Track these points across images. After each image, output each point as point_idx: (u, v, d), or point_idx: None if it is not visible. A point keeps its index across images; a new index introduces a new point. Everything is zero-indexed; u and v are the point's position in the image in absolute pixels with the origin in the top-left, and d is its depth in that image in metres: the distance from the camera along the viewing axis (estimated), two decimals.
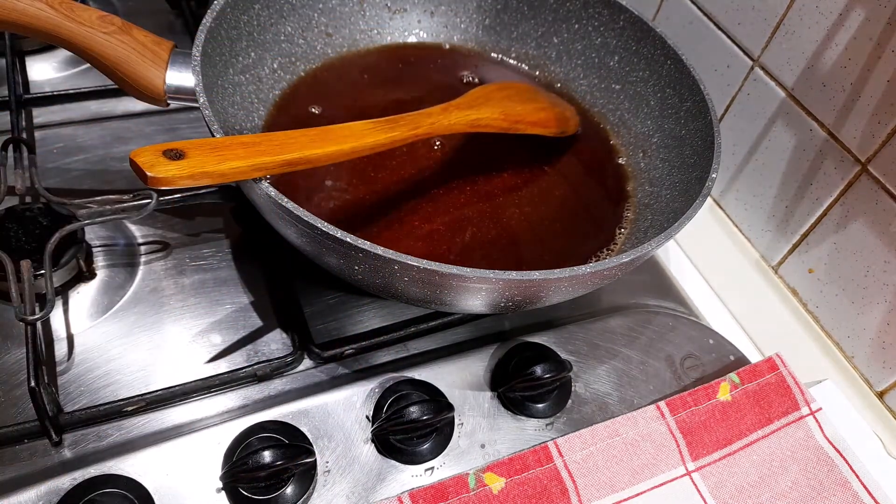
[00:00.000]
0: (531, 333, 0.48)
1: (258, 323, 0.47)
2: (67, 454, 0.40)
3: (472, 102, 0.51)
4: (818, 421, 0.46)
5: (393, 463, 0.42)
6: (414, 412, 0.40)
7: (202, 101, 0.41)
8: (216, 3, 0.47)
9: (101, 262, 0.48)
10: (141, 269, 0.49)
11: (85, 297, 0.46)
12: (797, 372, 0.47)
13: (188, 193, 0.49)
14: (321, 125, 0.42)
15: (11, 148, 0.50)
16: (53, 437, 0.40)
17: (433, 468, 0.42)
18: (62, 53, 0.61)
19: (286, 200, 0.36)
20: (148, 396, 0.42)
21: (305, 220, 0.36)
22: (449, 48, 0.62)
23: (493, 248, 0.49)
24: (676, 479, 0.43)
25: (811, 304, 0.55)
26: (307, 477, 0.40)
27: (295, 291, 0.48)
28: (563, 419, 0.45)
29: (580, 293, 0.43)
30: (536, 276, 0.37)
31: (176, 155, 0.35)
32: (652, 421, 0.44)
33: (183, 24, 0.66)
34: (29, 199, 0.50)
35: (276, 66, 0.54)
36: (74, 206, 0.46)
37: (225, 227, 0.52)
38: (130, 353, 0.44)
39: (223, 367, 0.45)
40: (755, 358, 0.51)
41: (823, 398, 0.48)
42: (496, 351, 0.47)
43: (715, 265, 0.60)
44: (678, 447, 0.44)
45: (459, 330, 0.49)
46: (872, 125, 0.48)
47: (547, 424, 0.45)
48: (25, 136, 0.54)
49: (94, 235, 0.49)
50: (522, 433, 0.44)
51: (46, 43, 0.46)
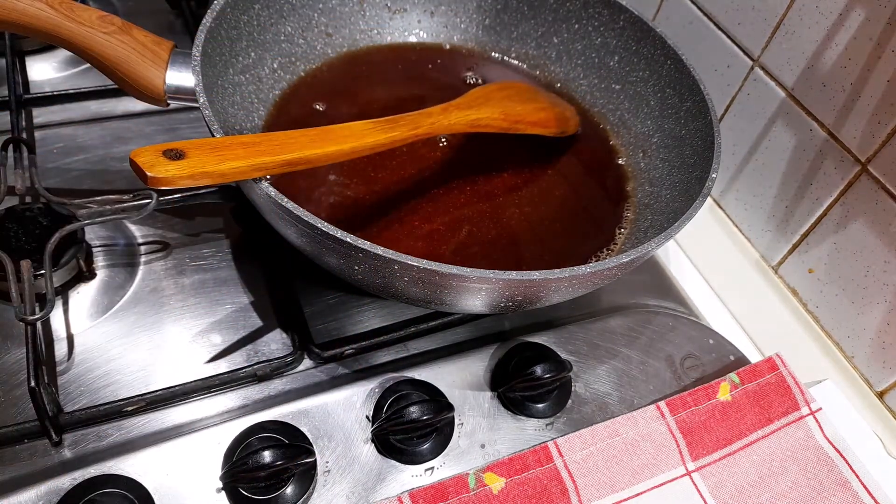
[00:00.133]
0: (531, 333, 0.48)
1: (258, 323, 0.47)
2: (67, 454, 0.40)
3: (472, 102, 0.51)
4: (818, 421, 0.46)
5: (393, 463, 0.42)
6: (414, 412, 0.40)
7: (202, 101, 0.41)
8: (216, 3, 0.47)
9: (101, 262, 0.48)
10: (141, 269, 0.49)
11: (85, 297, 0.46)
12: (797, 372, 0.47)
13: (188, 193, 0.49)
14: (321, 124, 0.42)
15: (11, 148, 0.50)
16: (53, 437, 0.40)
17: (433, 468, 0.42)
18: (62, 53, 0.61)
19: (286, 200, 0.36)
20: (148, 396, 0.42)
21: (305, 220, 0.36)
22: (449, 48, 0.62)
23: (493, 248, 0.49)
24: (676, 479, 0.43)
25: (811, 304, 0.55)
26: (307, 477, 0.40)
27: (295, 291, 0.48)
28: (563, 419, 0.45)
29: (580, 293, 0.43)
30: (536, 276, 0.37)
31: (176, 155, 0.35)
32: (652, 421, 0.44)
33: (183, 24, 0.67)
34: (29, 199, 0.50)
35: (276, 66, 0.54)
36: (74, 206, 0.46)
37: (225, 227, 0.52)
38: (130, 353, 0.44)
39: (223, 367, 0.45)
40: (755, 358, 0.51)
41: (823, 398, 0.48)
42: (496, 351, 0.47)
43: (715, 265, 0.60)
44: (678, 447, 0.44)
45: (459, 330, 0.49)
46: (872, 125, 0.48)
47: (547, 424, 0.45)
48: (25, 136, 0.54)
49: (94, 235, 0.49)
50: (522, 433, 0.44)
51: (46, 43, 0.46)
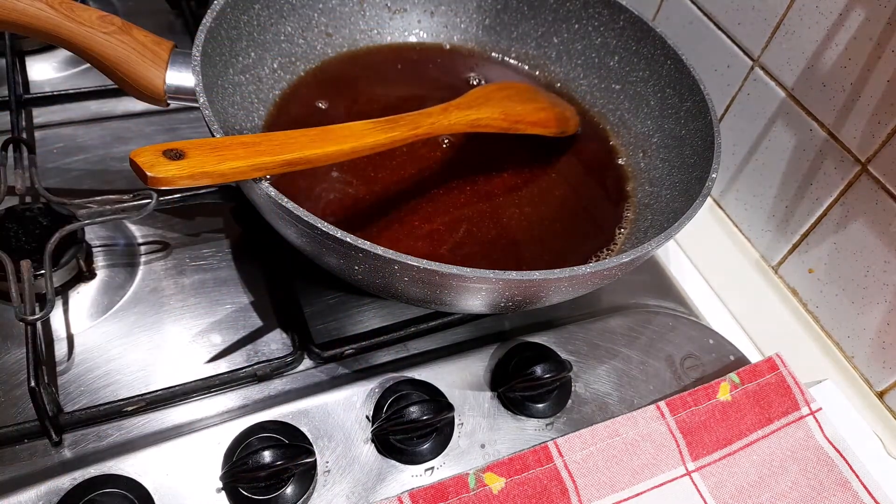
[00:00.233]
0: (531, 333, 0.48)
1: (258, 323, 0.47)
2: (67, 454, 0.40)
3: (472, 102, 0.51)
4: (818, 421, 0.46)
5: (393, 463, 0.42)
6: (414, 412, 0.40)
7: (202, 101, 0.41)
8: (216, 3, 0.47)
9: (101, 262, 0.48)
10: (141, 269, 0.49)
11: (85, 297, 0.46)
12: (797, 372, 0.47)
13: (188, 193, 0.49)
14: (322, 124, 0.42)
15: (11, 148, 0.50)
16: (53, 437, 0.40)
17: (433, 468, 0.42)
18: (62, 53, 0.61)
19: (286, 200, 0.36)
20: (148, 396, 0.42)
21: (305, 220, 0.36)
22: (449, 48, 0.62)
23: (493, 248, 0.49)
24: (676, 479, 0.43)
25: (811, 304, 0.55)
26: (307, 477, 0.40)
27: (295, 291, 0.48)
28: (563, 419, 0.45)
29: (580, 293, 0.43)
30: (536, 276, 0.37)
31: (176, 155, 0.35)
32: (652, 421, 0.44)
33: (183, 24, 0.66)
34: (29, 199, 0.50)
35: (276, 66, 0.54)
36: (74, 206, 0.46)
37: (225, 227, 0.52)
38: (130, 353, 0.44)
39: (223, 367, 0.45)
40: (755, 358, 0.51)
41: (823, 398, 0.48)
42: (496, 351, 0.47)
43: (715, 265, 0.60)
44: (678, 447, 0.44)
45: (459, 330, 0.49)
46: (872, 125, 0.48)
47: (547, 424, 0.45)
48: (25, 136, 0.54)
49: (94, 235, 0.49)
50: (522, 433, 0.44)
51: (46, 43, 0.46)
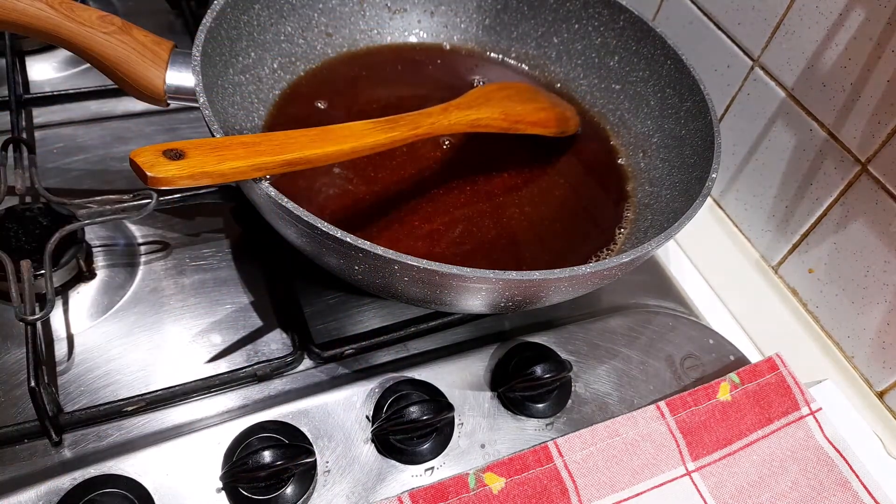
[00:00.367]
0: (531, 333, 0.48)
1: (258, 323, 0.47)
2: (67, 454, 0.40)
3: (472, 102, 0.51)
4: (818, 421, 0.46)
5: (393, 463, 0.42)
6: (414, 412, 0.40)
7: (202, 101, 0.41)
8: (216, 3, 0.47)
9: (101, 262, 0.48)
10: (141, 269, 0.49)
11: (85, 297, 0.46)
12: (797, 372, 0.47)
13: (188, 193, 0.49)
14: (322, 124, 0.42)
15: (11, 148, 0.50)
16: (53, 437, 0.40)
17: (433, 468, 0.42)
18: (62, 53, 0.61)
19: (286, 200, 0.36)
20: (148, 396, 0.42)
21: (305, 220, 0.36)
22: (449, 48, 0.62)
23: (493, 248, 0.49)
24: (676, 479, 0.43)
25: (811, 304, 0.55)
26: (307, 477, 0.40)
27: (295, 291, 0.48)
28: (563, 419, 0.45)
29: (580, 293, 0.43)
30: (536, 276, 0.37)
31: (176, 155, 0.35)
32: (652, 421, 0.44)
33: (183, 24, 0.66)
34: (29, 199, 0.50)
35: (276, 66, 0.54)
36: (74, 206, 0.46)
37: (225, 227, 0.52)
38: (130, 353, 0.44)
39: (223, 367, 0.45)
40: (755, 358, 0.51)
41: (823, 398, 0.48)
42: (496, 351, 0.47)
43: (715, 265, 0.60)
44: (678, 447, 0.44)
45: (459, 330, 0.49)
46: (872, 125, 0.48)
47: (547, 424, 0.45)
48: (25, 136, 0.54)
49: (94, 235, 0.49)
50: (522, 433, 0.44)
51: (46, 43, 0.46)
